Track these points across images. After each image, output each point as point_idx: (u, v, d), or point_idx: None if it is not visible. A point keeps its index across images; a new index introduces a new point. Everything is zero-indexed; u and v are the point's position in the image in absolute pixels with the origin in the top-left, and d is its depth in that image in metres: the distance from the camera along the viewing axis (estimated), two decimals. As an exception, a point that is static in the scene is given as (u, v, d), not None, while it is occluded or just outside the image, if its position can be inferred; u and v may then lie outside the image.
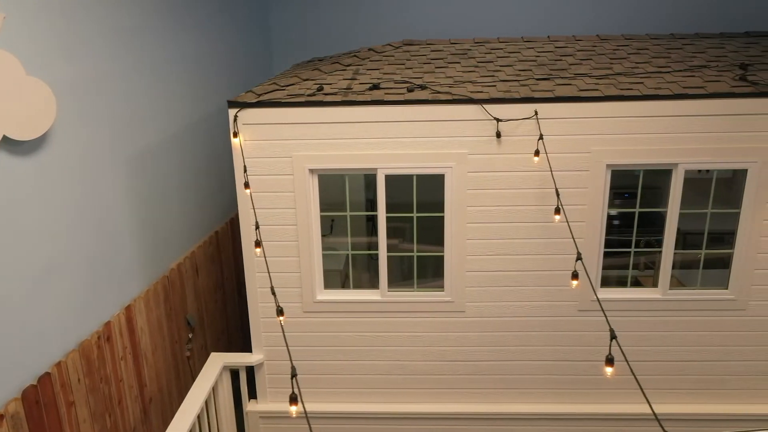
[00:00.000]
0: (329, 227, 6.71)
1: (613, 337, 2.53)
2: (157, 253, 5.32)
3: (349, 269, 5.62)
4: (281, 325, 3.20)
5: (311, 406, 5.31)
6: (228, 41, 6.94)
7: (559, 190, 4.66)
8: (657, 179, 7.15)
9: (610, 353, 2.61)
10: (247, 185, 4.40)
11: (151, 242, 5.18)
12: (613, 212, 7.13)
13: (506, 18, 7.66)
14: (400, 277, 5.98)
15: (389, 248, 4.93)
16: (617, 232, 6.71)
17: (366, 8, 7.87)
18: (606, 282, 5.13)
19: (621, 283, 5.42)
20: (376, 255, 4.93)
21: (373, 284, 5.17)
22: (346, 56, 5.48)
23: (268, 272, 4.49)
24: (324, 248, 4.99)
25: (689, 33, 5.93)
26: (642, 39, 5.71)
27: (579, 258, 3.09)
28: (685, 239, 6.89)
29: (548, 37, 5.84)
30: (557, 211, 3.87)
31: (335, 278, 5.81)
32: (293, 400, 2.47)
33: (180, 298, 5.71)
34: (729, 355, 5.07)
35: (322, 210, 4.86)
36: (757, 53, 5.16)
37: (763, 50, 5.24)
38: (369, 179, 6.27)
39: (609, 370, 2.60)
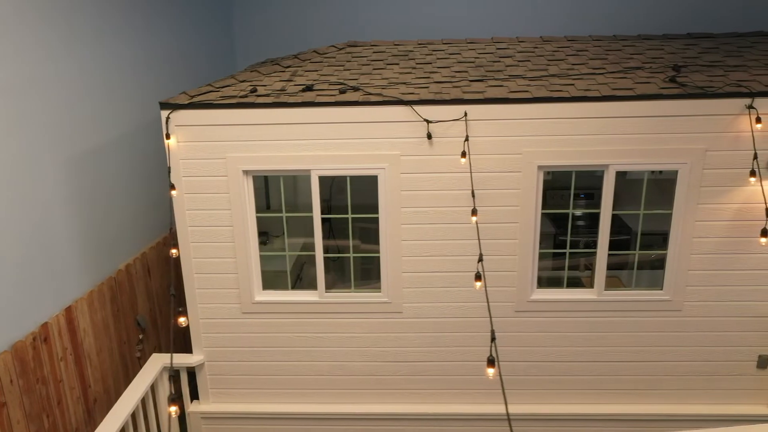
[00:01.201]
0: (281, 229, 6.73)
1: (492, 339, 2.54)
2: (103, 254, 5.32)
3: (301, 270, 5.65)
4: (180, 325, 3.22)
5: (253, 407, 5.33)
6: (186, 43, 6.95)
7: (492, 191, 4.70)
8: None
9: (491, 354, 2.63)
10: (173, 187, 4.41)
11: (95, 243, 5.18)
12: (578, 213, 7.16)
13: (477, 18, 7.69)
14: (360, 277, 6.00)
15: (352, 249, 4.96)
16: (587, 232, 6.75)
17: (331, 8, 7.89)
18: (557, 283, 5.14)
19: (574, 283, 5.46)
20: (335, 257, 4.95)
21: (330, 285, 5.19)
22: (288, 58, 5.49)
23: (172, 275, 4.51)
24: (278, 250, 5.01)
25: (632, 35, 5.95)
26: (584, 40, 5.73)
27: (480, 260, 3.11)
28: (642, 240, 6.93)
29: (492, 38, 5.85)
30: (474, 212, 3.88)
31: (286, 279, 5.83)
32: (173, 400, 2.46)
33: (129, 299, 5.71)
34: (665, 355, 5.09)
35: (275, 211, 4.87)
36: (694, 54, 5.19)
37: (701, 51, 5.27)
38: (324, 181, 6.29)
39: (490, 371, 2.62)
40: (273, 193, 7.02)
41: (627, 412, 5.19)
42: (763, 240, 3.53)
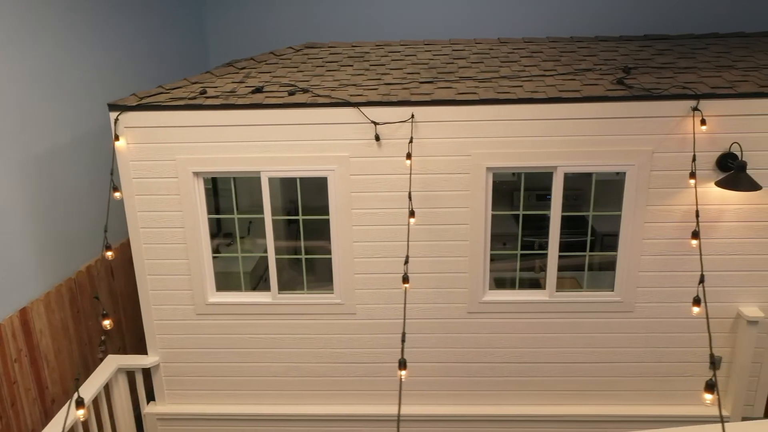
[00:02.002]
0: (246, 229, 6.74)
1: (402, 340, 2.55)
2: (61, 256, 5.31)
3: (265, 271, 5.64)
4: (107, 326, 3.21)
5: (209, 408, 5.34)
6: (155, 43, 6.95)
7: (441, 193, 4.72)
8: (579, 182, 7.20)
9: (402, 356, 2.64)
10: (116, 188, 4.42)
11: (53, 245, 5.17)
12: (529, 213, 7.15)
13: (459, 19, 7.72)
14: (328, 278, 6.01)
15: (318, 250, 4.95)
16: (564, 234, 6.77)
17: (301, 9, 7.90)
18: (526, 284, 5.14)
19: (534, 285, 5.46)
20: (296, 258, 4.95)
21: (292, 286, 5.20)
22: (245, 60, 5.50)
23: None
24: (244, 250, 5.01)
25: (589, 36, 5.96)
26: (540, 42, 5.75)
27: (406, 261, 3.11)
28: (602, 241, 6.95)
29: (449, 40, 5.86)
30: (411, 214, 3.89)
31: (248, 280, 5.83)
32: (78, 404, 2.47)
33: (90, 301, 5.71)
34: (619, 356, 5.10)
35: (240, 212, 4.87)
36: (647, 56, 5.20)
37: (655, 53, 5.28)
38: (287, 182, 6.30)
39: (403, 373, 2.63)
40: (242, 195, 7.02)
41: (582, 413, 5.19)
42: (693, 242, 3.54)
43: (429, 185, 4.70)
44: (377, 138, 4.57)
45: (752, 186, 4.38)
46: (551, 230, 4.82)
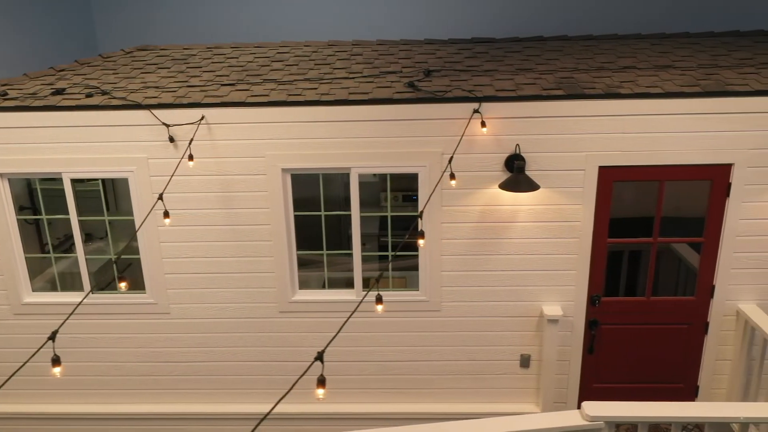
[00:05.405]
0: (105, 231, 6.77)
1: (51, 338, 2.60)
2: None
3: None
4: None
5: (30, 408, 5.38)
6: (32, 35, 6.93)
7: (240, 194, 4.78)
8: (415, 182, 7.25)
9: (54, 354, 2.69)
10: None
11: None
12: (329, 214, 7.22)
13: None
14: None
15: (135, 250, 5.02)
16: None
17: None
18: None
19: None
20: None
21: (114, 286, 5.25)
22: (78, 63, 5.54)
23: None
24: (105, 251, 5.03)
25: (443, 39, 6.00)
26: (367, 44, 5.82)
27: (120, 265, 3.16)
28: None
29: (281, 42, 5.93)
30: (165, 215, 3.95)
31: (93, 280, 5.86)
32: None
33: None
34: (431, 355, 5.17)
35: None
36: (459, 59, 5.27)
37: (469, 56, 5.34)
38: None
39: (57, 370, 2.69)
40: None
41: (398, 411, 5.26)
42: (421, 242, 3.60)
43: (228, 186, 4.76)
44: (171, 140, 4.62)
45: (531, 186, 4.45)
46: (353, 230, 4.89)
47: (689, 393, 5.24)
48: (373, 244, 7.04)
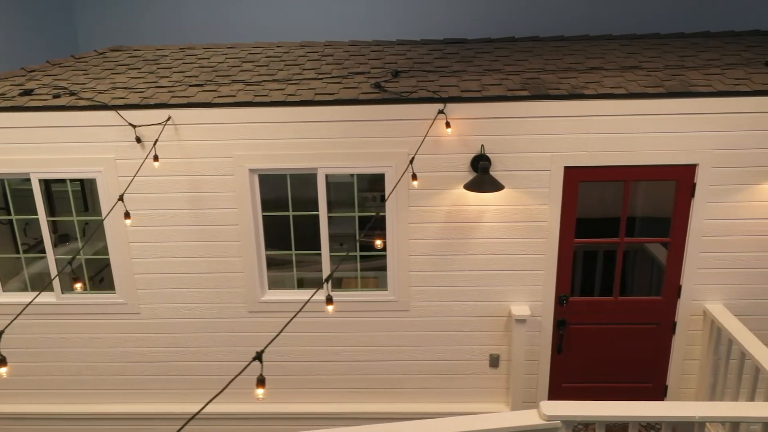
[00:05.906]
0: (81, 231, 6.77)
1: (-4, 337, 2.62)
2: None
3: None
4: None
5: (3, 408, 5.39)
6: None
7: (208, 194, 4.79)
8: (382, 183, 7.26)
9: (0, 354, 2.71)
10: None
11: None
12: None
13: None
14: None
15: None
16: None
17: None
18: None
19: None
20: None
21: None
22: (49, 63, 5.55)
23: None
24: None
25: (415, 39, 6.02)
26: (338, 45, 5.84)
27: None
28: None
29: (253, 43, 5.94)
30: (126, 215, 3.96)
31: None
32: None
33: None
34: (401, 355, 5.19)
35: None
36: (428, 60, 5.28)
37: (439, 57, 5.36)
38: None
39: (2, 370, 2.70)
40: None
41: (368, 411, 5.28)
42: (378, 242, 3.61)
43: (197, 187, 4.77)
44: (138, 140, 4.63)
45: (495, 187, 4.47)
46: (321, 230, 4.90)
47: (658, 392, 5.26)
48: (351, 244, 7.05)
